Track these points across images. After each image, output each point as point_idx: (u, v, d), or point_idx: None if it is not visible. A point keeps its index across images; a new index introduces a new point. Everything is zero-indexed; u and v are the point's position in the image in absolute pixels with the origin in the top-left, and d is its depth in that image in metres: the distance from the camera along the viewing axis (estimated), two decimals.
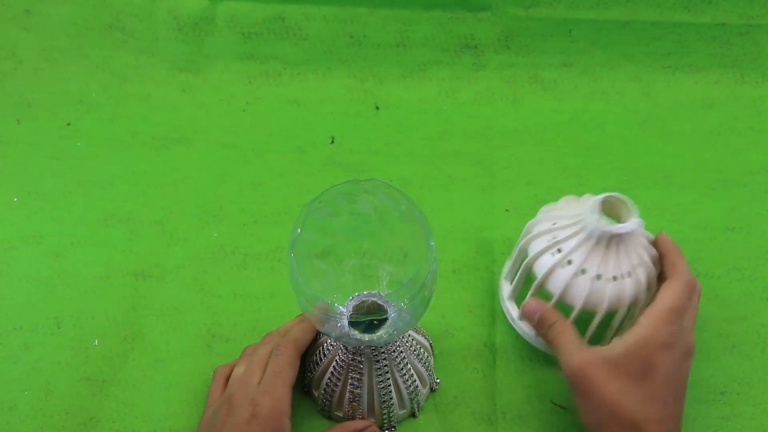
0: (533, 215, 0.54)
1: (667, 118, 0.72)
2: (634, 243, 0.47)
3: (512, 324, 0.54)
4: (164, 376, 0.54)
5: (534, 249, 0.50)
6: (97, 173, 0.68)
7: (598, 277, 0.46)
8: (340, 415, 0.50)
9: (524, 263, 0.50)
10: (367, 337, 0.44)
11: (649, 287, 0.48)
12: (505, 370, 0.54)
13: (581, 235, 0.47)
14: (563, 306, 0.49)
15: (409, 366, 0.49)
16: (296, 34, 0.75)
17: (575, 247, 0.47)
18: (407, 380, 0.49)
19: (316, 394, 0.51)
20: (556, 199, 0.65)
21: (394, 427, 0.51)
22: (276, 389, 0.45)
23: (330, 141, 0.71)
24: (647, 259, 0.48)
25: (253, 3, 0.74)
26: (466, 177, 0.67)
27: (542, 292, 0.50)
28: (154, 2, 0.75)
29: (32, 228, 0.64)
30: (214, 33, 0.75)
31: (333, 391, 0.50)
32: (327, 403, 0.50)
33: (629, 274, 0.47)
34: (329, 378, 0.49)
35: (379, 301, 0.48)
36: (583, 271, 0.47)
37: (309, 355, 0.52)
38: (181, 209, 0.65)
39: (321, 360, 0.50)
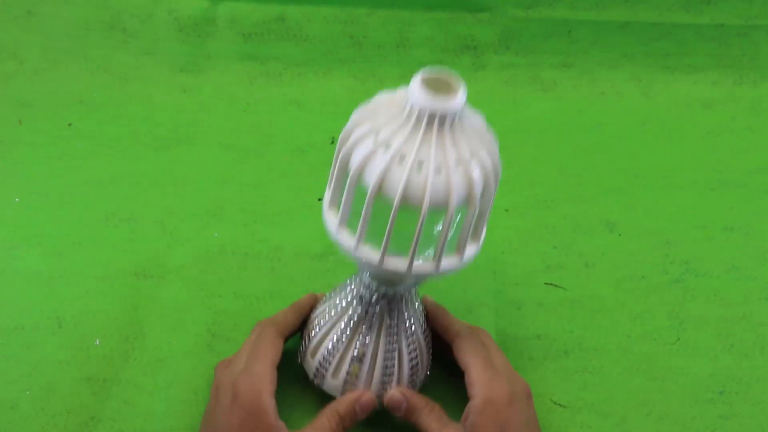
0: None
1: (666, 119, 0.72)
2: (466, 129, 0.39)
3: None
4: (165, 375, 0.54)
5: (359, 153, 0.40)
6: (98, 173, 0.68)
7: (420, 165, 0.38)
8: (336, 382, 0.49)
9: (350, 177, 0.40)
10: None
11: (486, 186, 0.40)
12: None
13: (402, 116, 0.39)
14: (382, 203, 0.39)
15: (414, 338, 0.49)
16: (296, 35, 0.75)
17: (396, 129, 0.39)
18: (411, 352, 0.49)
19: (313, 360, 0.50)
20: (555, 199, 0.65)
21: None
22: (253, 368, 0.45)
23: (330, 141, 0.71)
24: (484, 153, 0.39)
25: (254, 4, 0.74)
26: None
27: (361, 192, 0.40)
28: (155, 3, 0.75)
29: (33, 228, 0.64)
30: (215, 34, 0.75)
31: (336, 349, 0.49)
32: (325, 365, 0.50)
33: (458, 165, 0.38)
34: (336, 335, 0.49)
35: None
36: (401, 158, 0.38)
37: (308, 324, 0.52)
38: (182, 209, 0.65)
39: (322, 324, 0.50)
